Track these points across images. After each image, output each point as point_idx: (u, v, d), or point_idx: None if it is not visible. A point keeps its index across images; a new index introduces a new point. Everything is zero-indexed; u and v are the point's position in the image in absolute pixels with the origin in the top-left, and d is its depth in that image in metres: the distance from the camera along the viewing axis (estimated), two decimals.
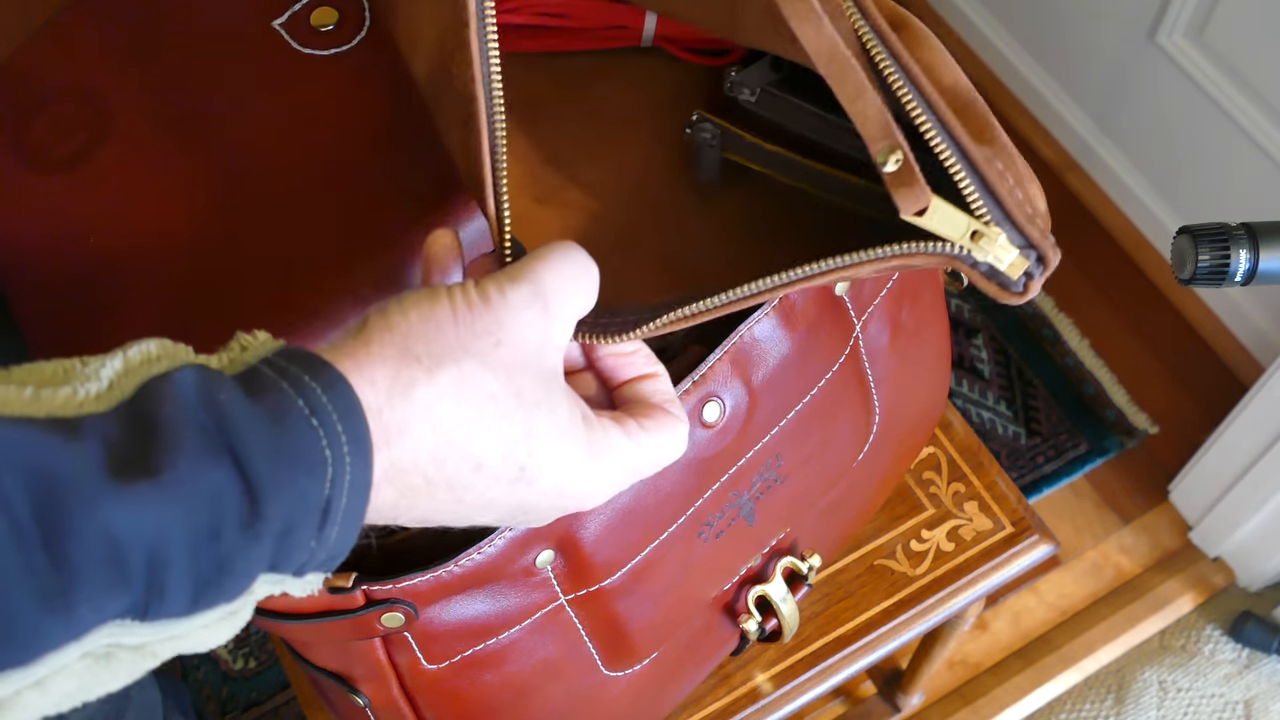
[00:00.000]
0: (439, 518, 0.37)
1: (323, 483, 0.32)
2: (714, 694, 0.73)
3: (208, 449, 0.30)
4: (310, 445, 0.31)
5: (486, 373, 0.36)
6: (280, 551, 0.32)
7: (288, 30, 0.59)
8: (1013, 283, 0.39)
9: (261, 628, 0.50)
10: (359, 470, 0.33)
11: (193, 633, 0.32)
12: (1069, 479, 1.34)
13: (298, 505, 0.31)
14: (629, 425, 0.41)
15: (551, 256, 0.39)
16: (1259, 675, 1.23)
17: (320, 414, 0.32)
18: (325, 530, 0.33)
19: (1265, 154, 1.26)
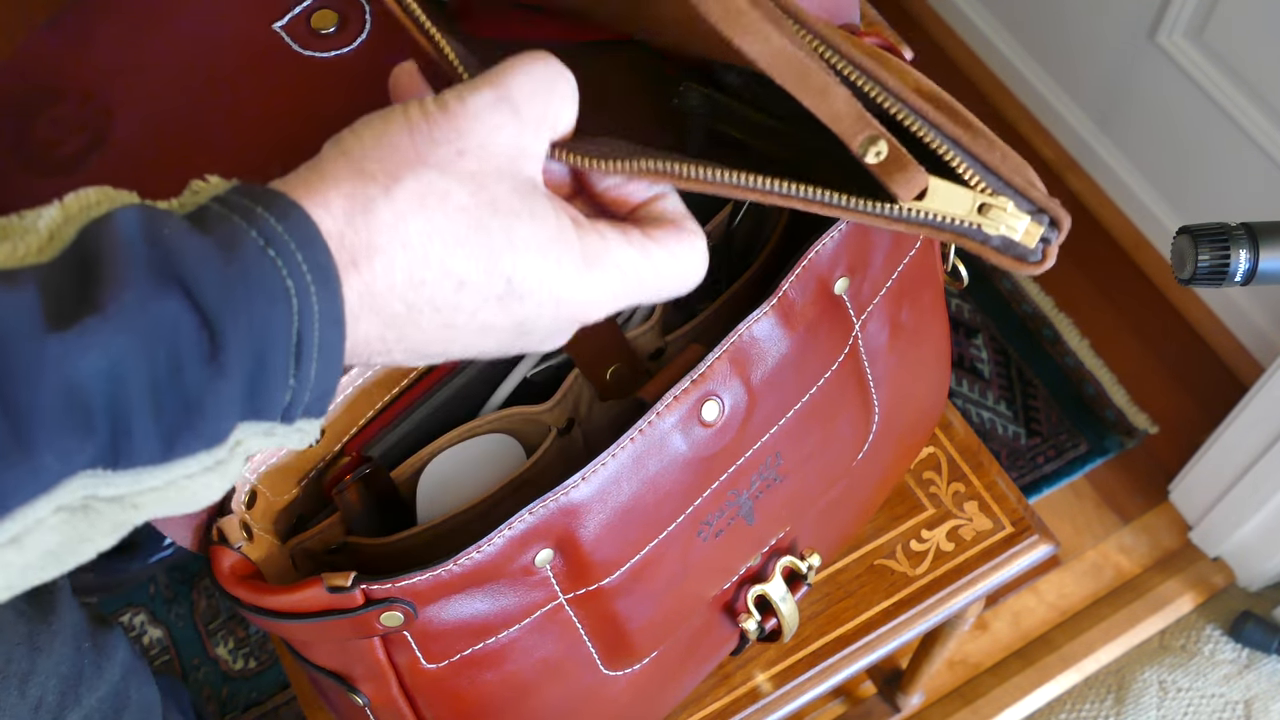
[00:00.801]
0: (435, 348, 0.36)
1: (289, 314, 0.30)
2: (714, 694, 0.73)
3: (154, 280, 0.29)
4: (268, 274, 0.30)
5: (452, 182, 0.34)
6: (256, 390, 0.31)
7: (288, 33, 0.59)
8: (1030, 251, 0.37)
9: (261, 627, 0.50)
10: (327, 300, 0.31)
11: (176, 483, 0.31)
12: (1069, 479, 1.34)
13: (263, 336, 0.30)
14: (632, 233, 0.38)
15: (519, 62, 0.36)
16: (1259, 675, 1.23)
17: (276, 243, 0.31)
18: (303, 367, 0.31)
19: (1265, 154, 1.26)
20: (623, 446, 0.49)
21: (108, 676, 0.71)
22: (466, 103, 0.35)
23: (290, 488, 0.52)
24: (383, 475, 0.54)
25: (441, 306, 0.34)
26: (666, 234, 0.39)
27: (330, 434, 0.51)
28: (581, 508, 0.49)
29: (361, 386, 0.50)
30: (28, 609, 0.64)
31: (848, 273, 0.56)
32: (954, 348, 1.40)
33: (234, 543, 0.48)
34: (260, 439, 0.32)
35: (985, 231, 0.37)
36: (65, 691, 0.67)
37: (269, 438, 0.32)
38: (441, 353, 0.36)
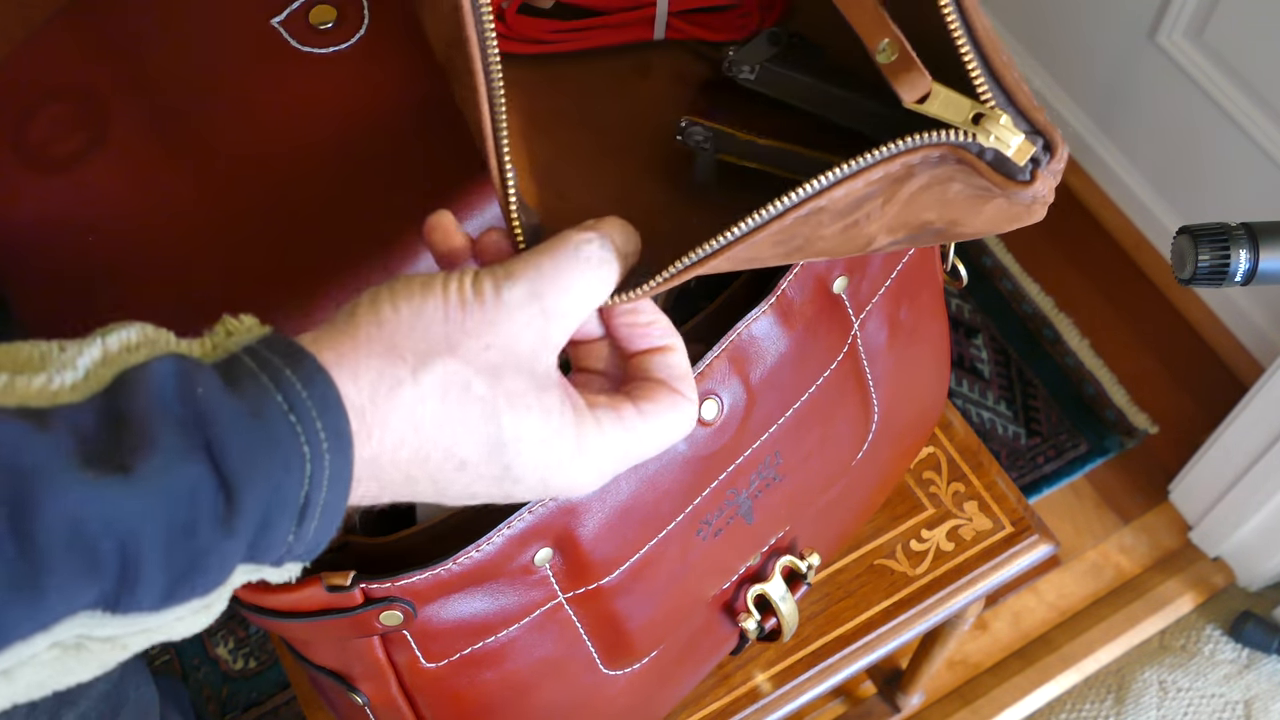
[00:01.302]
0: (420, 499, 0.37)
1: (300, 479, 0.31)
2: (714, 694, 0.73)
3: (183, 444, 0.30)
4: (288, 442, 0.31)
5: (472, 374, 0.36)
6: (257, 545, 0.32)
7: (286, 28, 0.59)
8: (1019, 169, 0.38)
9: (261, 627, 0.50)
10: (338, 466, 0.33)
11: (166, 625, 0.31)
12: (1069, 479, 1.34)
13: (274, 501, 0.31)
14: (626, 413, 0.40)
15: (558, 251, 0.38)
16: (1259, 675, 1.23)
17: (299, 409, 0.31)
18: (304, 525, 0.32)
19: (1265, 154, 1.26)
20: None
21: (105, 676, 0.71)
22: (502, 298, 0.37)
23: None
24: None
25: (439, 480, 0.36)
26: (658, 405, 0.40)
27: None
28: (580, 506, 0.49)
29: None
30: None
31: (846, 272, 0.56)
32: (954, 348, 1.40)
33: None
34: (245, 576, 0.33)
35: (979, 143, 0.37)
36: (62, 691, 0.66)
37: (254, 574, 0.34)
38: (423, 500, 0.38)
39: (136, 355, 0.31)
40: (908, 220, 0.41)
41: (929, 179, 0.39)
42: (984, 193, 0.39)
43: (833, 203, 0.39)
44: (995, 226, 0.41)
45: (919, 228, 0.41)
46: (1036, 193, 0.38)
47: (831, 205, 0.39)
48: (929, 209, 0.40)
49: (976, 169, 0.38)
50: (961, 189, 0.39)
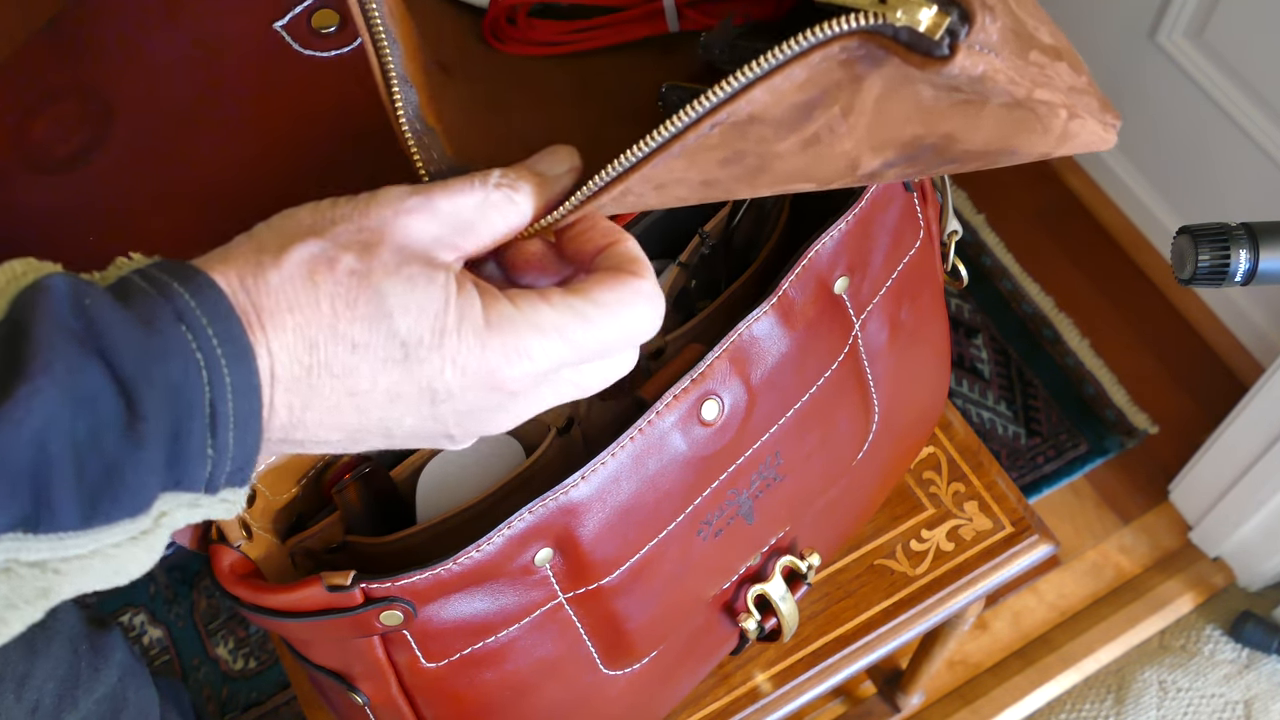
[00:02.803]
0: (348, 419, 0.35)
1: (200, 385, 0.32)
2: (714, 694, 0.73)
3: (78, 353, 0.30)
4: (180, 347, 0.31)
5: (338, 250, 0.35)
6: (175, 460, 0.32)
7: (289, 32, 0.59)
8: (934, 44, 0.35)
9: (261, 626, 0.50)
10: (240, 372, 0.32)
11: (101, 552, 0.31)
12: (1069, 479, 1.34)
13: (178, 409, 0.31)
14: (552, 294, 0.37)
15: (457, 193, 0.37)
16: (1259, 675, 1.23)
17: (189, 318, 0.32)
18: (219, 436, 0.32)
19: (1265, 154, 1.26)
20: (622, 445, 0.49)
21: (105, 678, 0.71)
22: (378, 194, 0.36)
23: (289, 487, 0.52)
24: (382, 474, 0.54)
25: (338, 371, 0.35)
26: (603, 287, 0.37)
27: None
28: (581, 507, 0.49)
29: None
30: None
31: (847, 272, 0.56)
32: (954, 348, 1.40)
33: (233, 541, 0.48)
34: (186, 511, 0.33)
35: (890, 23, 0.35)
36: (62, 694, 0.67)
37: (194, 509, 0.33)
38: (358, 426, 0.36)
39: (25, 280, 0.31)
40: (890, 136, 0.39)
41: (883, 81, 0.37)
42: (960, 95, 0.37)
43: (761, 109, 0.37)
44: (1004, 139, 0.39)
45: (911, 145, 0.39)
46: (965, 69, 0.35)
47: (763, 113, 0.37)
48: (910, 121, 0.38)
49: (895, 53, 0.36)
50: (933, 93, 0.37)
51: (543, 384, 0.37)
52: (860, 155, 0.39)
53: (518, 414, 0.38)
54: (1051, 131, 0.39)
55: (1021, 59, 0.37)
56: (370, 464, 0.53)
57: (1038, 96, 0.38)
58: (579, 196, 0.39)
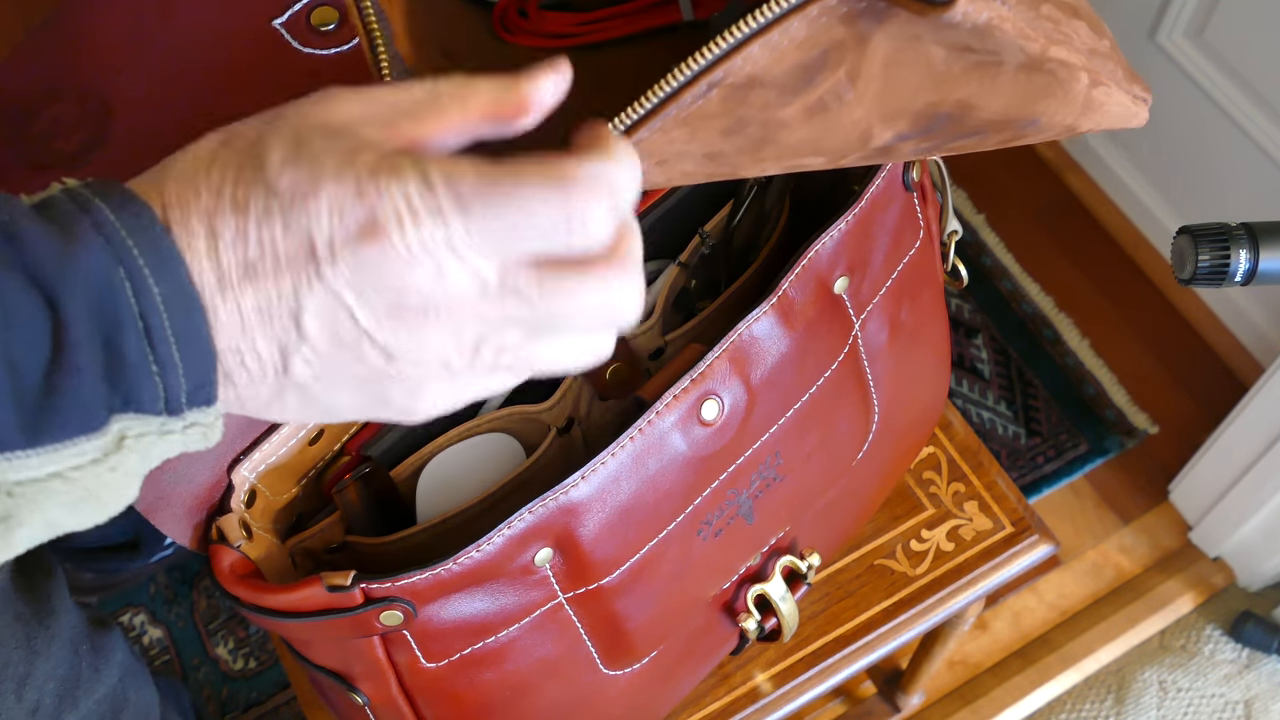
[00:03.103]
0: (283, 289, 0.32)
1: (124, 294, 0.31)
2: (714, 694, 0.73)
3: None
4: (98, 256, 0.31)
5: (250, 126, 0.34)
6: (116, 375, 0.31)
7: (288, 29, 0.59)
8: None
9: (261, 626, 0.50)
10: (168, 281, 0.31)
11: (63, 476, 0.31)
12: (1069, 479, 1.34)
13: (104, 318, 0.31)
14: (481, 163, 0.32)
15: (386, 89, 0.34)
16: (1259, 675, 1.23)
17: (106, 229, 0.31)
18: (159, 350, 0.31)
19: (1265, 154, 1.26)
20: (622, 445, 0.49)
21: (106, 679, 0.71)
22: (301, 101, 0.35)
23: (290, 487, 0.52)
24: (382, 474, 0.54)
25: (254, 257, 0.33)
26: (576, 151, 0.33)
27: (330, 434, 0.51)
28: (581, 507, 0.49)
29: None
30: (25, 611, 0.64)
31: (847, 272, 0.56)
32: (954, 348, 1.40)
33: (233, 541, 0.48)
34: (156, 438, 0.32)
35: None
36: (63, 695, 0.66)
37: (166, 436, 0.33)
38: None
39: None
40: (902, 104, 0.37)
41: (890, 41, 0.35)
42: (973, 56, 0.35)
43: (762, 69, 0.35)
44: (1023, 106, 0.37)
45: (925, 114, 0.37)
46: (966, 14, 0.34)
47: (764, 74, 0.36)
48: (922, 87, 0.36)
49: (894, 1, 0.34)
50: (945, 54, 0.35)
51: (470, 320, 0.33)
52: (872, 125, 0.38)
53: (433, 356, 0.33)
54: (1074, 99, 0.37)
55: (1033, 10, 0.36)
56: (370, 464, 0.53)
57: (1054, 55, 0.36)
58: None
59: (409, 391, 0.34)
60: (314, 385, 0.34)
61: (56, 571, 0.68)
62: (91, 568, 1.18)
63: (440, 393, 0.35)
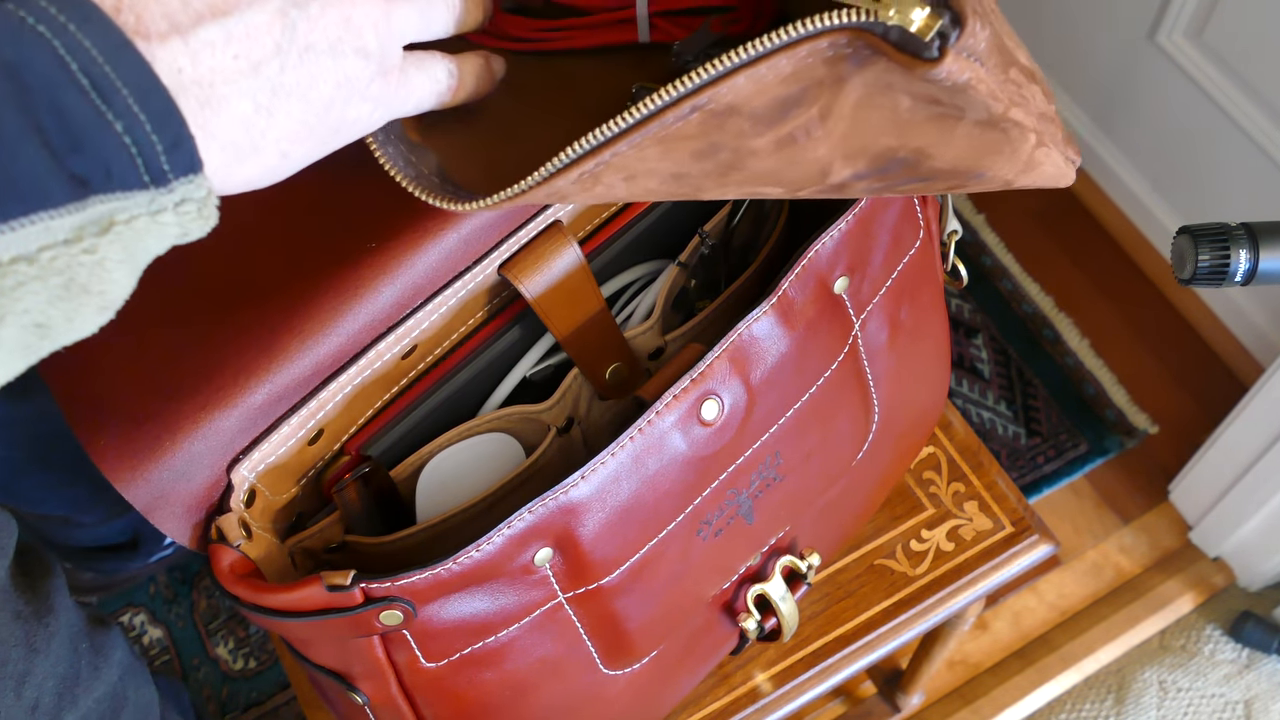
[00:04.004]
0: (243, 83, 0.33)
1: (53, 53, 0.29)
2: (714, 694, 0.73)
3: None
4: (7, 21, 0.29)
5: None
6: (76, 144, 0.29)
7: None
8: (924, 46, 0.35)
9: (261, 626, 0.50)
10: (97, 34, 0.30)
11: (30, 258, 0.29)
12: (1069, 479, 1.34)
13: (33, 79, 0.28)
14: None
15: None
16: (1259, 675, 1.23)
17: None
18: (115, 103, 0.30)
19: (1265, 154, 1.26)
20: (622, 445, 0.49)
21: (105, 677, 0.71)
22: None
23: (289, 486, 0.52)
24: (382, 474, 0.54)
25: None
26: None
27: (329, 433, 0.51)
28: (581, 506, 0.49)
29: (360, 386, 0.50)
30: (24, 610, 0.64)
31: (847, 272, 0.56)
32: (954, 348, 1.40)
33: (233, 541, 0.48)
34: (149, 222, 0.31)
35: (882, 20, 0.35)
36: (62, 693, 0.66)
37: (158, 217, 0.31)
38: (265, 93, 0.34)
39: None
40: (863, 145, 0.39)
41: (864, 86, 0.37)
42: (938, 109, 0.37)
43: (743, 99, 0.37)
44: (973, 160, 0.39)
45: (882, 157, 0.39)
46: (951, 73, 0.35)
47: (744, 104, 0.37)
48: (885, 131, 0.38)
49: (883, 51, 0.35)
50: (912, 104, 0.37)
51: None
52: (833, 162, 0.39)
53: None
54: (1019, 156, 0.40)
55: (1003, 74, 0.37)
56: (370, 463, 0.53)
57: (1012, 116, 0.38)
58: (549, 168, 0.39)
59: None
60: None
61: (56, 570, 0.68)
62: (91, 567, 1.18)
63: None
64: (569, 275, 0.52)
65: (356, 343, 0.49)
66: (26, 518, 1.05)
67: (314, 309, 0.48)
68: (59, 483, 0.99)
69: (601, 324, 0.55)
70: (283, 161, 0.37)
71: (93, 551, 1.14)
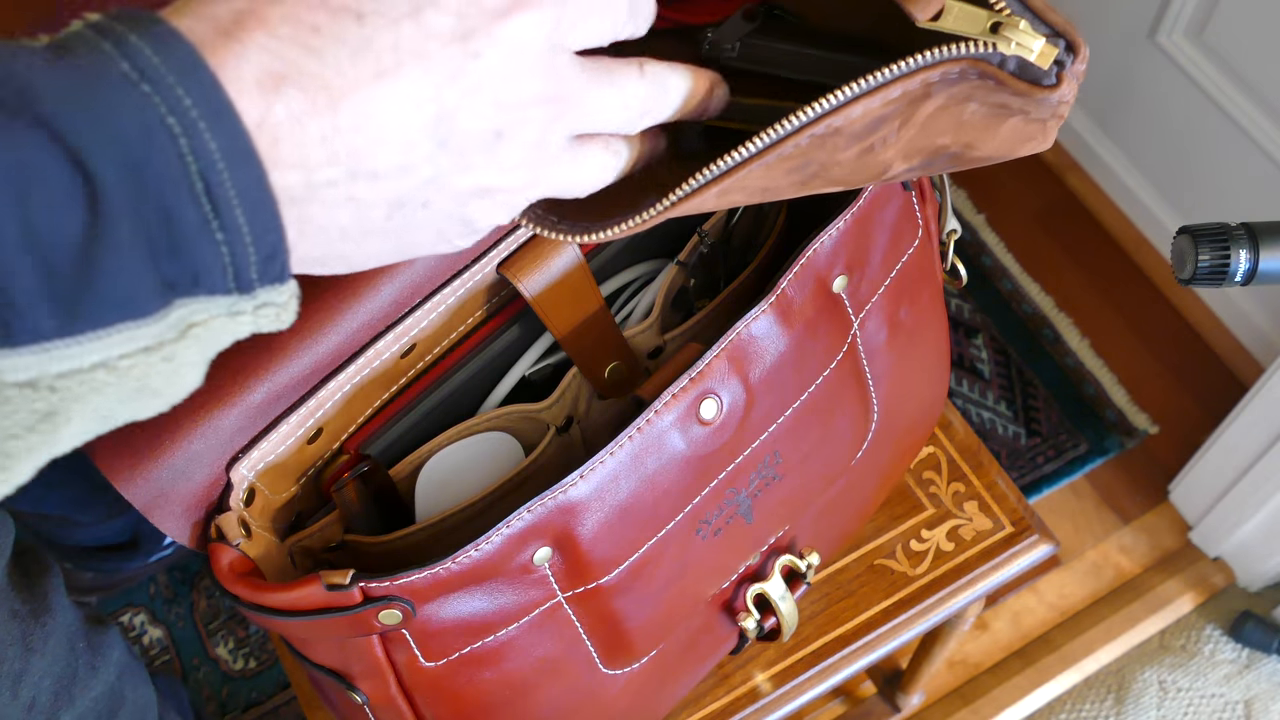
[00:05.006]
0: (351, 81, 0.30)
1: (177, 152, 0.27)
2: (713, 693, 0.73)
3: (12, 115, 0.25)
4: (140, 108, 0.26)
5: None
6: (174, 249, 0.27)
7: None
8: (1044, 74, 0.37)
9: (260, 625, 0.50)
10: (225, 135, 0.27)
11: (110, 366, 0.27)
12: (1069, 479, 1.34)
13: (150, 179, 0.26)
14: None
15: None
16: (1259, 675, 1.23)
17: (151, 76, 0.26)
18: (224, 214, 0.28)
19: (1265, 154, 1.26)
20: (621, 445, 0.49)
21: (102, 676, 0.71)
22: None
23: (288, 485, 0.52)
24: (381, 473, 0.54)
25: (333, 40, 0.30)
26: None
27: (328, 432, 0.51)
28: (580, 506, 0.49)
29: (359, 385, 0.50)
30: (21, 609, 0.64)
31: (846, 271, 0.56)
32: (954, 348, 1.40)
33: (232, 540, 0.48)
34: (225, 320, 0.29)
35: (1000, 51, 0.36)
36: (59, 692, 0.66)
37: (236, 318, 0.29)
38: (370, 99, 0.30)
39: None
40: (923, 145, 0.40)
41: (946, 99, 0.38)
42: (1000, 111, 0.38)
43: (849, 123, 0.38)
44: (1009, 148, 0.41)
45: (934, 152, 0.41)
46: (1062, 96, 0.37)
47: (848, 126, 0.38)
48: (945, 132, 0.39)
49: (1000, 80, 0.37)
50: (977, 109, 0.38)
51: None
52: (894, 162, 0.41)
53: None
54: (1047, 141, 0.41)
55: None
56: (369, 462, 0.53)
57: (1063, 112, 0.40)
58: (677, 194, 0.39)
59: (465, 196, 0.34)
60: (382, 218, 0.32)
61: (53, 569, 0.68)
62: (91, 567, 1.18)
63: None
64: (568, 274, 0.52)
65: (355, 341, 0.49)
66: (25, 517, 1.05)
67: (313, 307, 0.48)
68: (58, 482, 0.99)
69: (601, 323, 0.55)
70: (347, 270, 0.35)
71: (92, 551, 1.14)
